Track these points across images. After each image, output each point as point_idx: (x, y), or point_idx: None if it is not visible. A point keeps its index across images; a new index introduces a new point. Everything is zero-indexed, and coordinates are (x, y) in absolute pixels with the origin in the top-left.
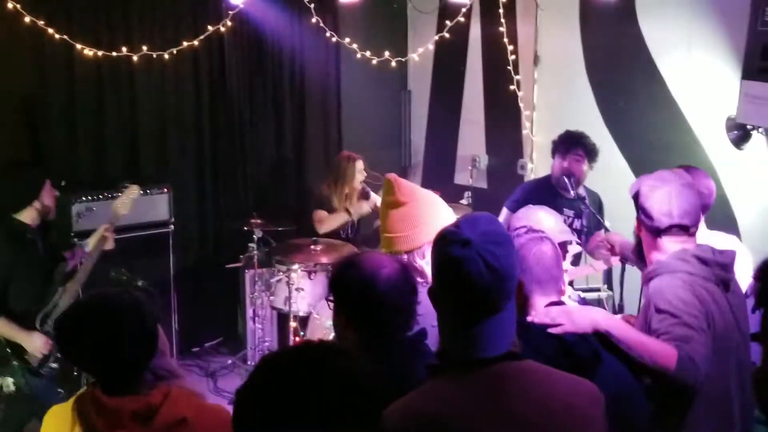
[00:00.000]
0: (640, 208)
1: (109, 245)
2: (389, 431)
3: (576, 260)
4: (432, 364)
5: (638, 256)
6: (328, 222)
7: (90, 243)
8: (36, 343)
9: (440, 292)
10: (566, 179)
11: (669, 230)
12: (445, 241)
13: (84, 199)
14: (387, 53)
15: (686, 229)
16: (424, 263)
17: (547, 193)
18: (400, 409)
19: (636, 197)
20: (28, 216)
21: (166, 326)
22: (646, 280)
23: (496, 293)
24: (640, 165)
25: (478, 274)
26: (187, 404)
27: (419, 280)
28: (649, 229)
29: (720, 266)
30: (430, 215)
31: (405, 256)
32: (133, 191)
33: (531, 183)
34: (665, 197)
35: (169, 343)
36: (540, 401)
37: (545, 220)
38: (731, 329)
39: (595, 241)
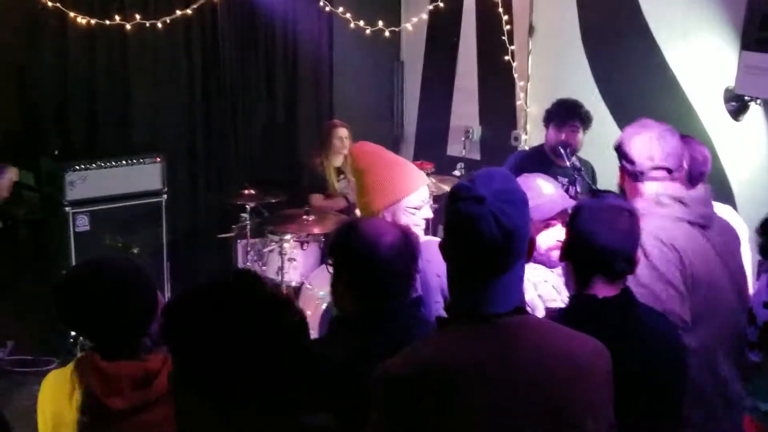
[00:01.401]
0: (622, 154)
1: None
2: (392, 379)
3: None
4: (440, 317)
5: None
6: (324, 207)
7: None
8: None
9: (450, 247)
10: (562, 149)
11: (651, 173)
12: (457, 196)
13: (76, 168)
14: (380, 23)
15: (669, 172)
16: (411, 212)
17: (540, 161)
18: (403, 357)
19: (618, 146)
20: None
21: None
22: None
23: (507, 252)
24: None
25: (490, 232)
26: None
27: None
28: (631, 174)
29: (698, 202)
30: (384, 180)
31: None
32: (11, 173)
33: (522, 152)
34: (646, 141)
35: None
36: (545, 353)
37: (545, 187)
38: (716, 271)
39: None
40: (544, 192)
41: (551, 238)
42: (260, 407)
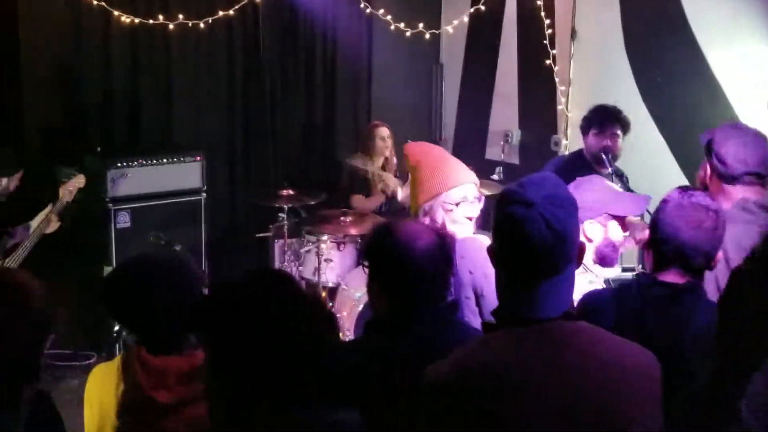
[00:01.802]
0: (714, 154)
1: (52, 228)
2: (437, 383)
3: None
4: (488, 322)
5: None
6: (366, 206)
7: (33, 223)
8: None
9: (500, 251)
10: (604, 155)
11: (742, 178)
12: (507, 201)
13: (118, 165)
14: (420, 25)
15: (761, 179)
16: (449, 209)
17: (580, 168)
18: (452, 361)
19: (709, 144)
20: None
21: None
22: None
23: (556, 256)
24: (678, 142)
25: (539, 235)
26: None
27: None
28: (721, 176)
29: None
30: (427, 176)
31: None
32: (80, 180)
33: (560, 159)
34: (741, 145)
35: None
36: (593, 360)
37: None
38: None
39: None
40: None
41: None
42: (272, 405)
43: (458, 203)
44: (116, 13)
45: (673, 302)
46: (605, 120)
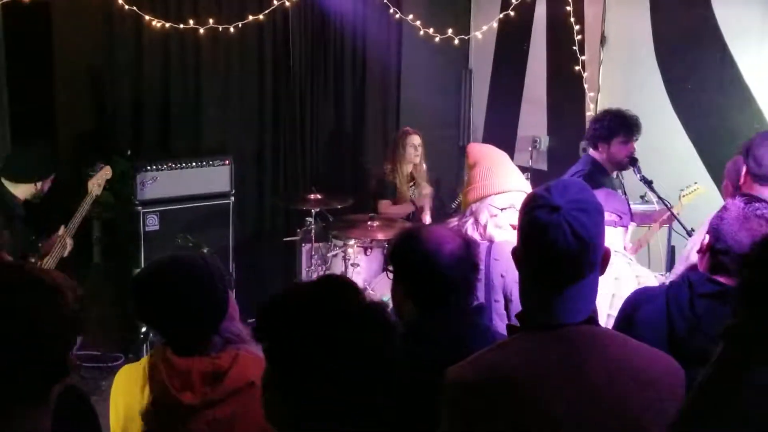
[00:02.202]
0: (751, 155)
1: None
2: (457, 384)
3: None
4: (512, 325)
5: None
6: (392, 213)
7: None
8: None
9: (524, 254)
10: (631, 163)
11: None
12: (533, 204)
13: (148, 168)
14: (450, 31)
15: None
16: (494, 213)
17: (600, 176)
18: (473, 362)
19: (748, 146)
20: (22, 191)
21: None
22: None
23: (580, 261)
24: (708, 149)
25: (564, 241)
26: (255, 368)
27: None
28: (756, 176)
29: None
30: (480, 176)
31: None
32: (107, 172)
33: (583, 168)
34: None
35: None
36: (615, 365)
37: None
38: None
39: None
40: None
41: None
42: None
43: (504, 209)
44: (147, 17)
45: (724, 300)
46: (632, 127)
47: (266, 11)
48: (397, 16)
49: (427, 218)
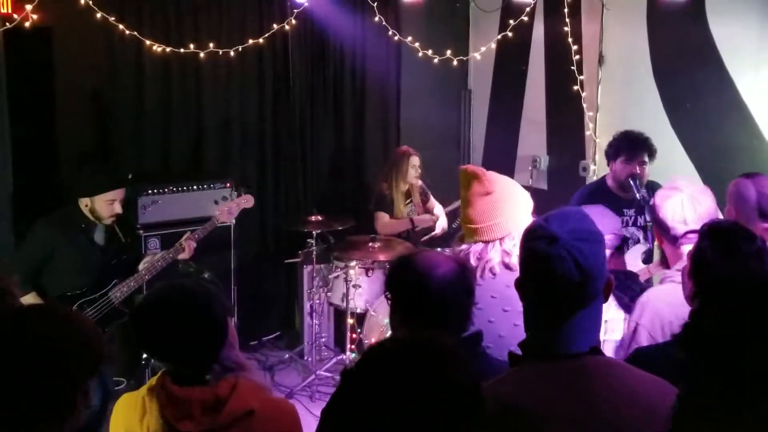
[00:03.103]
0: (655, 221)
1: (186, 254)
2: None
3: (648, 258)
4: (514, 354)
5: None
6: (390, 227)
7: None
8: None
9: (526, 285)
10: (632, 182)
11: (686, 236)
12: (533, 235)
13: (149, 192)
14: (449, 52)
15: None
16: (512, 247)
17: (605, 196)
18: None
19: (651, 212)
20: (100, 208)
21: None
22: None
23: (583, 291)
24: (707, 168)
25: (564, 271)
26: (254, 397)
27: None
28: (669, 240)
29: None
30: (513, 204)
31: (488, 246)
32: (247, 202)
33: (586, 189)
34: (678, 205)
35: None
36: (620, 395)
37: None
38: None
39: None
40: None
41: None
42: None
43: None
44: (148, 42)
45: None
46: (635, 148)
47: (266, 35)
48: (396, 38)
49: (438, 231)
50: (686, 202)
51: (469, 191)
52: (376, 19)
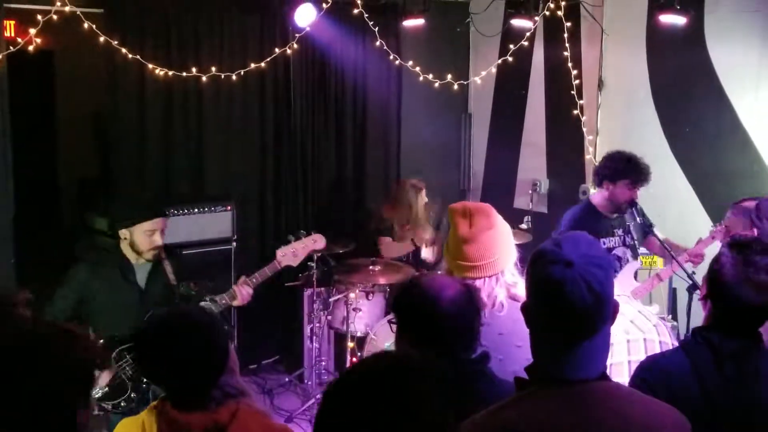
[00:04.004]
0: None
1: (239, 301)
2: None
3: (637, 275)
4: (521, 378)
5: None
6: (394, 250)
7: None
8: None
9: (537, 311)
10: (633, 209)
11: None
12: (546, 260)
13: None
14: (449, 76)
15: None
16: (512, 278)
17: (595, 217)
18: (483, 418)
19: (758, 209)
20: (140, 241)
21: None
22: None
23: (595, 317)
24: (707, 192)
25: (581, 297)
26: (254, 423)
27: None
28: None
29: None
30: (507, 235)
31: (491, 281)
32: (317, 243)
33: (577, 212)
34: None
35: None
36: (628, 422)
37: None
38: None
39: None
40: None
41: None
42: None
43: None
44: (150, 66)
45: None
46: (640, 174)
47: (268, 59)
48: (397, 62)
49: (430, 257)
50: None
51: (472, 228)
52: (378, 43)
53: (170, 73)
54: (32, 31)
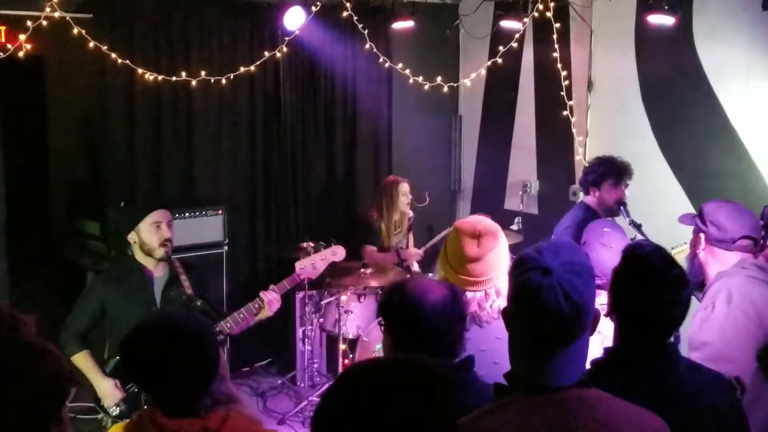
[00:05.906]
0: (710, 222)
1: (265, 313)
2: None
3: None
4: (500, 384)
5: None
6: (377, 260)
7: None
8: (104, 389)
9: (515, 317)
10: (622, 207)
11: (739, 241)
12: (525, 267)
13: None
14: (439, 78)
15: (755, 243)
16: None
17: (593, 218)
18: (463, 426)
19: (701, 215)
20: (148, 239)
21: None
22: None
23: (573, 325)
24: (697, 192)
25: (557, 304)
26: (245, 430)
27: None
28: (719, 241)
29: None
30: (506, 249)
31: (492, 292)
32: (337, 254)
33: (579, 216)
34: (734, 211)
35: None
36: (608, 428)
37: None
38: None
39: None
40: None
41: None
42: None
43: None
44: (140, 70)
45: None
46: (620, 171)
47: (257, 62)
48: (387, 65)
49: (415, 266)
50: (741, 211)
51: (480, 248)
52: (367, 46)
53: (160, 77)
54: (22, 37)
